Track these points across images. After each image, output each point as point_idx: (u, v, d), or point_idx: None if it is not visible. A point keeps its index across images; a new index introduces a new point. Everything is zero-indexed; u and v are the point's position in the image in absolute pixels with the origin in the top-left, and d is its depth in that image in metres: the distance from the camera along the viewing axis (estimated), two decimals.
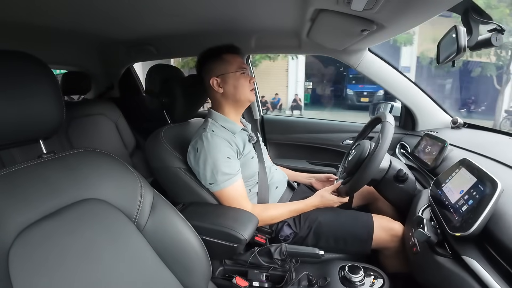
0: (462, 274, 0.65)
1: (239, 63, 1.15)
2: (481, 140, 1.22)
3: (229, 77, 1.13)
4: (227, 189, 1.07)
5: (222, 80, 1.14)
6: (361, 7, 0.81)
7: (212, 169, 1.04)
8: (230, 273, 1.05)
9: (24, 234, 0.54)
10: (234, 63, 1.14)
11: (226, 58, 1.14)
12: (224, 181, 1.05)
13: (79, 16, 1.26)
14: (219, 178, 1.04)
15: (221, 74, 1.13)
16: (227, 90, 1.14)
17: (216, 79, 1.14)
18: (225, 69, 1.13)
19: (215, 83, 1.14)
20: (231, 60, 1.14)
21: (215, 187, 1.07)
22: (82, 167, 0.67)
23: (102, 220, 0.64)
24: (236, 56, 1.16)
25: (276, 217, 1.12)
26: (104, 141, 1.79)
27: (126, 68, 2.20)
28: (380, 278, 0.90)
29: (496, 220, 0.64)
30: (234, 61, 1.14)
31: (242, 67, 1.14)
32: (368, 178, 1.01)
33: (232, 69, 1.13)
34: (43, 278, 0.53)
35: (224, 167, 1.04)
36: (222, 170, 1.04)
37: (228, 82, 1.13)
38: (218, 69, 1.14)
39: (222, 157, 1.05)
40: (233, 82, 1.13)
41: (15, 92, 0.58)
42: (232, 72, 1.13)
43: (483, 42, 0.89)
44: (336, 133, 1.84)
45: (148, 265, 0.69)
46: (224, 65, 1.14)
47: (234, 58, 1.15)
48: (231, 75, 1.13)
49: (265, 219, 1.11)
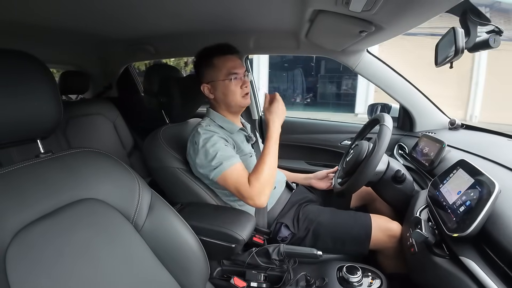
0: (459, 274, 0.65)
1: (229, 68, 1.11)
2: (479, 141, 1.22)
3: (218, 85, 1.12)
4: (232, 168, 1.02)
5: (212, 87, 1.13)
6: (360, 8, 0.81)
7: (216, 152, 1.02)
8: (228, 274, 1.05)
9: (21, 234, 0.53)
10: (224, 69, 1.11)
11: (216, 63, 1.11)
12: (228, 159, 1.02)
13: (77, 15, 1.25)
14: (222, 158, 1.02)
15: (211, 81, 1.13)
16: (218, 97, 1.14)
17: (207, 86, 1.14)
18: (214, 76, 1.12)
19: (205, 89, 1.15)
20: (221, 65, 1.11)
21: (220, 169, 1.02)
22: (80, 167, 0.67)
23: (99, 220, 0.64)
24: (227, 59, 1.12)
25: (269, 173, 1.04)
26: (102, 141, 1.79)
27: (124, 67, 2.19)
28: (378, 278, 0.90)
29: (494, 221, 0.64)
30: (224, 66, 1.11)
31: (232, 72, 1.11)
32: (365, 181, 1.02)
33: (221, 76, 1.11)
34: (40, 278, 0.53)
35: (224, 150, 1.04)
36: (223, 152, 1.03)
37: (217, 89, 1.13)
38: (208, 76, 1.13)
39: (220, 144, 1.05)
40: (223, 89, 1.12)
41: (13, 91, 0.58)
42: (221, 80, 1.11)
43: (481, 43, 0.90)
44: (334, 133, 1.84)
45: (145, 265, 0.69)
46: (213, 71, 1.12)
47: (225, 62, 1.11)
48: (219, 82, 1.11)
49: (262, 189, 1.02)
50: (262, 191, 1.01)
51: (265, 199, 1.03)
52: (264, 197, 1.02)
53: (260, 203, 1.02)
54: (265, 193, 1.02)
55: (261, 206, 1.04)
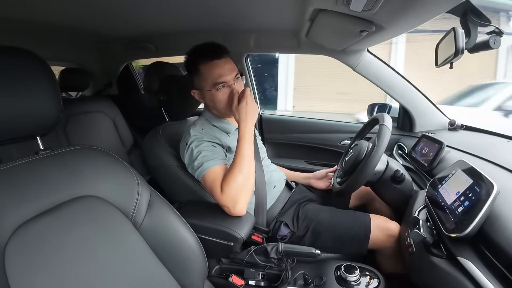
0: (457, 275, 0.65)
1: (215, 77, 1.04)
2: (478, 142, 1.23)
3: (205, 93, 1.09)
4: (210, 170, 0.99)
5: (200, 93, 1.11)
6: (360, 7, 0.81)
7: (199, 153, 1.01)
8: (227, 272, 1.05)
9: (20, 231, 0.54)
10: (209, 78, 1.04)
11: (201, 71, 1.06)
12: (209, 161, 1.00)
13: (78, 13, 1.25)
14: (204, 160, 1.00)
15: (198, 88, 1.11)
16: (207, 103, 1.14)
17: (196, 91, 1.12)
18: (200, 84, 1.08)
19: (195, 94, 1.13)
20: (206, 74, 1.05)
21: (201, 170, 1.00)
22: (79, 164, 0.67)
23: (98, 217, 0.64)
24: (213, 67, 1.04)
25: (242, 179, 0.96)
26: (101, 138, 1.79)
27: (124, 65, 2.19)
28: (376, 278, 0.90)
29: (492, 222, 0.64)
30: (209, 75, 1.04)
31: (219, 82, 1.04)
32: (364, 180, 1.02)
33: (206, 86, 1.06)
34: (39, 274, 0.53)
35: (208, 151, 1.02)
36: (206, 153, 1.01)
37: (205, 97, 1.11)
38: (196, 82, 1.10)
39: (206, 145, 1.04)
40: (210, 97, 1.09)
41: (13, 88, 0.58)
42: (207, 90, 1.07)
43: (481, 44, 0.90)
44: (334, 133, 1.84)
45: (144, 263, 0.69)
46: (199, 79, 1.08)
47: (211, 69, 1.04)
48: (206, 92, 1.08)
49: (235, 194, 0.95)
50: (236, 198, 0.95)
51: (240, 207, 0.96)
52: (239, 205, 0.95)
53: (235, 212, 0.96)
54: (240, 201, 0.95)
55: (237, 214, 0.97)
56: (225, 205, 0.96)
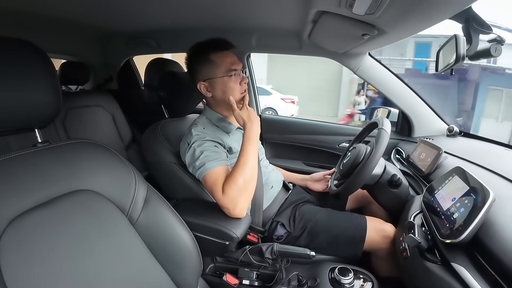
0: (450, 280, 0.65)
1: (227, 64, 1.07)
2: (476, 149, 1.23)
3: (216, 82, 1.08)
4: (212, 171, 0.99)
5: (210, 85, 1.10)
6: (363, 11, 0.81)
7: (201, 152, 1.01)
8: (221, 270, 1.05)
9: (15, 223, 0.53)
10: (222, 65, 1.07)
11: (213, 59, 1.07)
12: (211, 161, 1.00)
13: (81, 7, 1.25)
14: (206, 160, 1.00)
15: (208, 79, 1.09)
16: (216, 95, 1.11)
17: (204, 84, 1.10)
18: (212, 73, 1.08)
19: (202, 87, 1.11)
20: (219, 61, 1.07)
21: (202, 171, 1.00)
22: (77, 158, 0.67)
23: (94, 211, 0.64)
24: (224, 55, 1.08)
25: (244, 181, 0.96)
26: (100, 133, 1.78)
27: (125, 60, 2.18)
28: (370, 281, 0.90)
29: (487, 229, 0.65)
30: (222, 62, 1.07)
31: (231, 68, 1.07)
32: (361, 183, 1.02)
33: (219, 73, 1.07)
34: (33, 267, 0.53)
35: (210, 151, 1.02)
36: (208, 153, 1.01)
37: (215, 87, 1.09)
38: (205, 73, 1.09)
39: (208, 145, 1.04)
40: (221, 87, 1.08)
41: (12, 79, 0.58)
42: (220, 77, 1.07)
43: (482, 52, 0.90)
44: (332, 135, 1.84)
45: (138, 259, 0.69)
46: (211, 68, 1.08)
47: (223, 57, 1.07)
48: (218, 80, 1.07)
49: (236, 196, 0.95)
50: (237, 201, 0.94)
51: (240, 210, 0.96)
52: (239, 207, 0.95)
53: (235, 214, 0.96)
54: (240, 204, 0.95)
55: (237, 216, 0.97)
56: (225, 207, 0.96)
